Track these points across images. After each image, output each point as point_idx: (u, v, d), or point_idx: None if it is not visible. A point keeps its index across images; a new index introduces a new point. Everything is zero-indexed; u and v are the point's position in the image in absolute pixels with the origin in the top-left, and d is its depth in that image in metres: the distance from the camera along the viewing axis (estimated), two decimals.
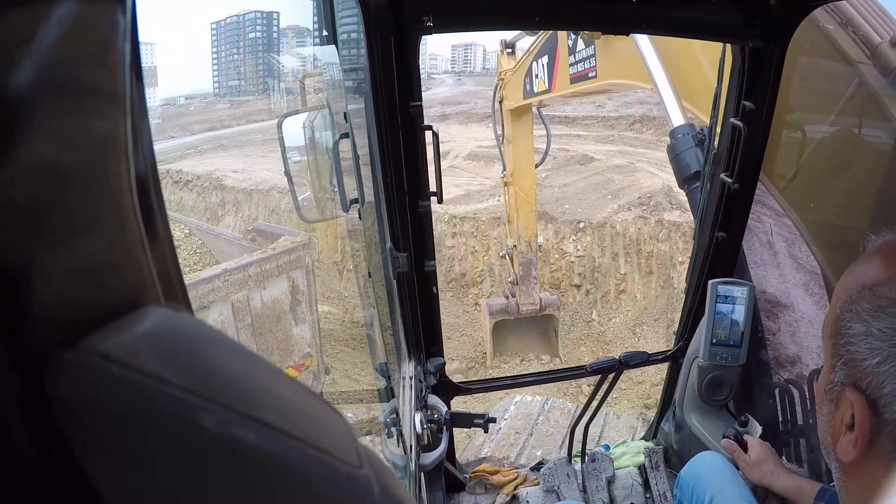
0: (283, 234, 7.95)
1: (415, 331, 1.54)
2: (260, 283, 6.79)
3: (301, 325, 7.30)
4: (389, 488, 0.28)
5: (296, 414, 0.25)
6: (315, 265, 7.85)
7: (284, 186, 13.58)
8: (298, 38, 40.84)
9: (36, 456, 0.20)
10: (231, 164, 16.55)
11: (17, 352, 0.20)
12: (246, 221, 13.12)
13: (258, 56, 43.49)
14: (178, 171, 16.36)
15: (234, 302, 6.48)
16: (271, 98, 32.72)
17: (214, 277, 6.36)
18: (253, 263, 6.82)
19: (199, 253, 11.01)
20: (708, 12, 1.37)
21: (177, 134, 23.74)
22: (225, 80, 40.64)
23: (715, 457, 1.40)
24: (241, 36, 43.48)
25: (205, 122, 25.92)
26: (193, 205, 15.03)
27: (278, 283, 7.03)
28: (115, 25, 0.22)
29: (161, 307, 0.25)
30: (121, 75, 0.23)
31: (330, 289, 10.80)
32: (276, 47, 43.88)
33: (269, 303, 6.88)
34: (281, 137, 1.33)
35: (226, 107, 30.92)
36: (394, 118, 1.27)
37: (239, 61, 44.15)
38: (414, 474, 1.23)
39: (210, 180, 15.27)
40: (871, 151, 1.44)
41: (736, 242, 1.67)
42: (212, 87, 38.46)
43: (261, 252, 7.26)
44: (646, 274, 9.96)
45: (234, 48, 42.60)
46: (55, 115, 0.20)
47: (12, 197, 0.19)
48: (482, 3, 1.27)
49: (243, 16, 42.67)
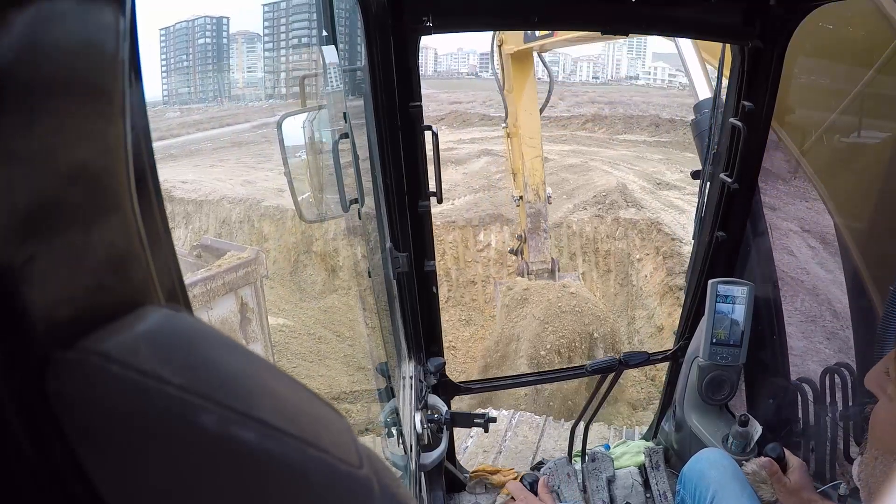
0: (230, 250, 7.67)
1: (415, 331, 1.54)
2: (206, 303, 6.48)
3: (253, 343, 7.03)
4: (390, 488, 0.28)
5: (296, 413, 0.25)
6: (264, 280, 7.59)
7: (235, 196, 13.59)
8: (248, 43, 40.62)
9: (36, 456, 0.20)
10: (180, 175, 16.32)
11: (17, 351, 0.20)
12: (196, 234, 12.96)
13: (208, 63, 42.69)
14: None
15: None
16: (222, 105, 32.45)
17: None
18: (197, 283, 6.46)
19: None
20: (708, 12, 1.37)
21: None
22: (174, 87, 40.39)
23: (718, 453, 1.40)
24: (190, 42, 43.18)
25: (154, 130, 25.95)
26: None
27: (226, 301, 6.75)
28: (114, 25, 0.22)
29: (161, 307, 0.25)
30: (120, 75, 0.23)
31: (285, 301, 10.62)
32: (226, 53, 43.50)
33: (216, 323, 6.47)
34: (280, 137, 1.33)
35: (176, 115, 30.67)
36: (393, 118, 1.27)
37: (188, 68, 43.70)
38: (414, 474, 1.23)
39: (169, 185, 14.96)
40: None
41: (736, 242, 1.68)
42: (161, 96, 38.08)
43: (205, 270, 6.93)
44: (604, 273, 9.99)
45: (184, 55, 42.24)
46: (55, 115, 0.20)
47: (12, 197, 0.19)
48: (482, 3, 1.28)
49: (192, 21, 42.31)
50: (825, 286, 1.60)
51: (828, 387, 1.50)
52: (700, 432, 1.68)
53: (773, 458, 1.27)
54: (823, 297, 1.61)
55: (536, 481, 1.41)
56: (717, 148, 1.62)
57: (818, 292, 1.62)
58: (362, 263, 1.56)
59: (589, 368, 1.69)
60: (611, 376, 1.69)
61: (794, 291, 1.66)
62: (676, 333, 1.93)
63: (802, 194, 1.62)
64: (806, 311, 1.64)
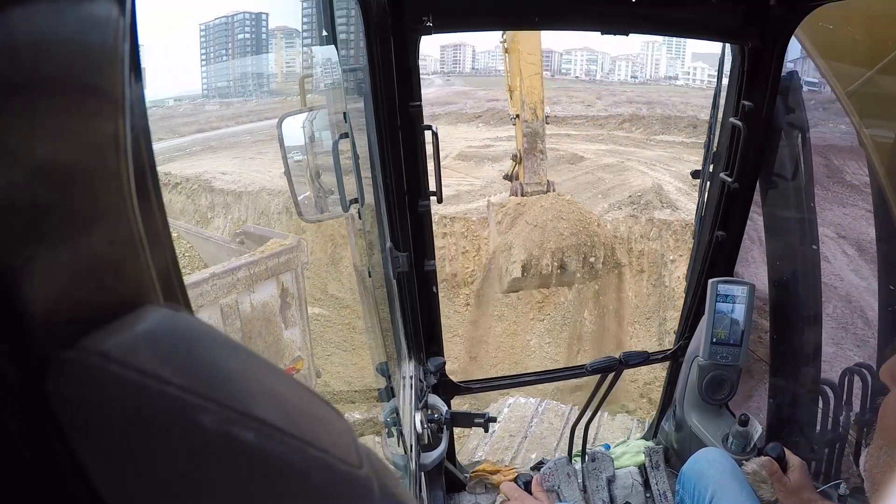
0: (272, 237, 7.88)
1: (415, 330, 1.54)
2: (249, 287, 6.73)
3: (291, 328, 7.24)
4: (389, 488, 0.28)
5: (296, 413, 0.25)
6: (304, 268, 7.81)
7: (274, 188, 13.63)
8: (287, 39, 40.84)
9: (36, 455, 0.20)
10: (220, 166, 16.50)
11: (17, 351, 0.20)
12: (235, 224, 13.08)
13: (247, 57, 43.21)
14: (166, 174, 16.28)
15: (222, 306, 6.43)
16: (260, 99, 32.55)
17: (203, 281, 6.31)
18: (241, 267, 6.75)
19: (188, 256, 10.97)
20: (708, 12, 1.37)
21: (165, 136, 23.57)
22: (214, 81, 40.63)
23: (717, 453, 1.40)
24: (229, 37, 43.37)
25: (194, 123, 25.68)
26: (183, 207, 14.99)
27: (267, 286, 6.98)
28: (114, 25, 0.22)
29: (160, 307, 0.25)
30: (120, 75, 0.23)
31: (321, 291, 10.78)
32: (265, 48, 43.87)
33: (258, 306, 6.81)
34: (280, 137, 1.32)
35: (215, 108, 30.66)
36: (393, 118, 1.27)
37: (228, 63, 44.06)
38: (414, 474, 1.23)
39: (199, 182, 15.27)
40: None
41: (736, 241, 1.68)
42: (200, 89, 38.36)
43: (249, 255, 7.19)
44: (637, 273, 9.98)
45: (223, 49, 42.46)
46: (55, 115, 0.20)
47: (12, 197, 0.19)
48: (482, 3, 1.28)
49: (232, 17, 42.59)
50: (858, 293, 1.58)
51: (846, 387, 1.49)
52: (700, 432, 1.68)
53: (774, 458, 1.26)
54: (856, 305, 1.58)
55: (531, 481, 1.41)
56: (717, 147, 1.62)
57: (851, 299, 1.60)
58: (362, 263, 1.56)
59: (589, 368, 1.69)
60: (611, 376, 1.69)
61: (828, 297, 1.62)
62: (676, 333, 1.93)
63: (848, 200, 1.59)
64: (839, 316, 1.62)
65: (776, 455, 1.26)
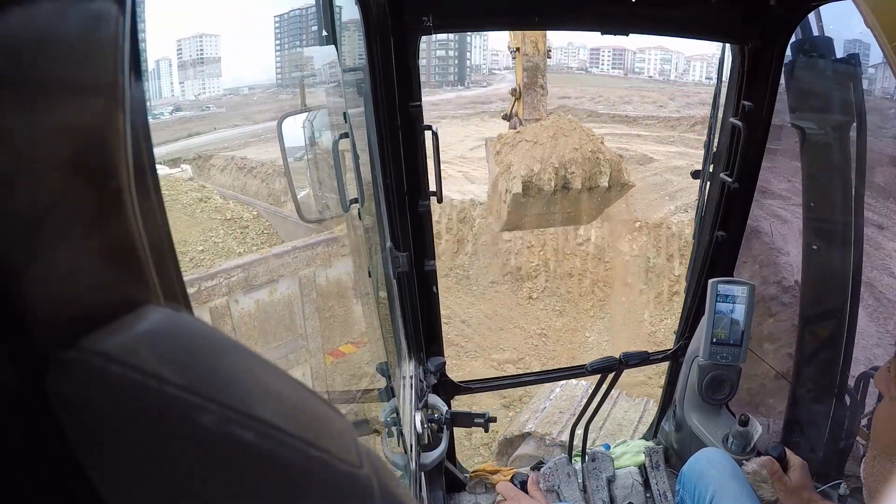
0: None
1: (415, 330, 1.54)
2: (326, 262, 7.05)
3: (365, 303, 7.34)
4: (389, 488, 0.28)
5: (296, 413, 0.25)
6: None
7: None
8: (358, 30, 42.00)
9: (36, 455, 0.20)
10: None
11: (18, 351, 0.20)
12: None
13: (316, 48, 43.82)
14: (242, 158, 16.73)
15: (301, 277, 6.74)
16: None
17: (285, 254, 6.67)
18: (321, 243, 7.08)
19: (267, 233, 11.45)
20: (707, 12, 1.37)
21: (240, 122, 23.75)
22: (287, 71, 41.06)
23: (717, 453, 1.40)
24: (303, 29, 43.71)
25: (267, 111, 25.66)
26: (257, 190, 15.28)
27: (343, 263, 7.21)
28: (114, 24, 0.22)
29: (161, 307, 0.25)
30: (120, 74, 0.23)
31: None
32: (338, 41, 45.07)
33: (333, 281, 7.11)
34: (280, 137, 1.32)
35: (288, 97, 30.69)
36: (393, 118, 1.27)
37: (300, 53, 44.42)
38: (414, 474, 1.23)
39: (273, 167, 15.46)
40: None
41: (736, 241, 1.68)
42: (275, 78, 38.72)
43: (328, 232, 7.40)
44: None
45: (297, 41, 42.80)
46: (55, 113, 0.20)
47: (12, 197, 0.19)
48: (482, 3, 1.28)
49: (305, 10, 43.06)
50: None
51: (860, 391, 1.49)
52: (700, 432, 1.68)
53: (774, 458, 1.26)
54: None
55: (527, 480, 1.41)
56: (717, 147, 1.62)
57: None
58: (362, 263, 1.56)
59: (589, 368, 1.69)
60: (611, 376, 1.69)
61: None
62: (676, 333, 1.93)
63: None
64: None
65: (777, 455, 1.26)
